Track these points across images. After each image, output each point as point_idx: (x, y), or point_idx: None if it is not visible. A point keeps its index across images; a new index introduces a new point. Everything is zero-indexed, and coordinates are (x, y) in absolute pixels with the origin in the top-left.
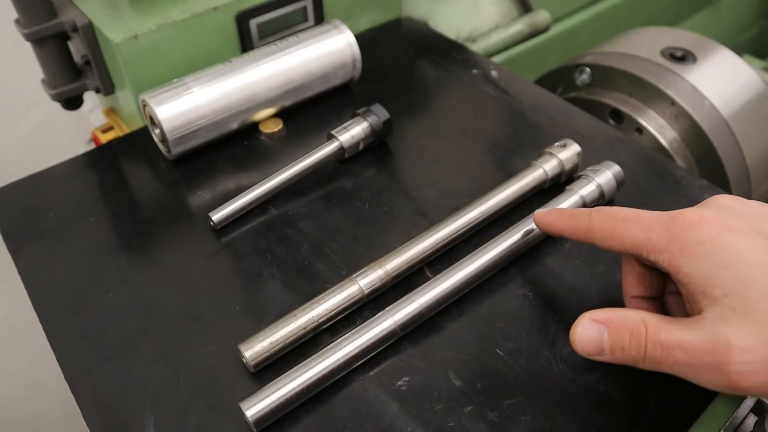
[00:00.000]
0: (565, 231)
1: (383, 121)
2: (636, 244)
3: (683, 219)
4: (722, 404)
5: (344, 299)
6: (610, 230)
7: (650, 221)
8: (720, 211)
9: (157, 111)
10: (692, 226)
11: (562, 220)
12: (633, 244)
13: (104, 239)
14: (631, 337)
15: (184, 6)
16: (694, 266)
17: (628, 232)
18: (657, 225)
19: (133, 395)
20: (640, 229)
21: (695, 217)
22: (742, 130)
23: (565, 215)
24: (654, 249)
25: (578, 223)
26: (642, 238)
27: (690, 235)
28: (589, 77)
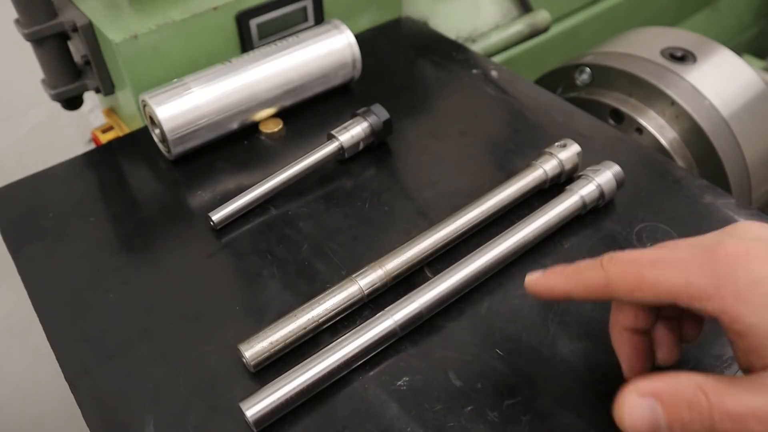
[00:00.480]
0: (574, 291)
1: (383, 121)
2: (674, 291)
3: (727, 255)
4: None
5: (344, 299)
6: (636, 279)
7: (684, 262)
8: (758, 242)
9: (157, 111)
10: (741, 263)
11: (566, 279)
12: (669, 292)
13: (104, 239)
14: (691, 410)
15: (184, 6)
16: (758, 315)
17: (661, 279)
18: (695, 266)
19: (133, 395)
20: (675, 274)
21: (740, 251)
22: (742, 130)
23: (569, 272)
24: (699, 296)
25: (590, 278)
26: (681, 284)
27: (743, 275)
28: (589, 77)
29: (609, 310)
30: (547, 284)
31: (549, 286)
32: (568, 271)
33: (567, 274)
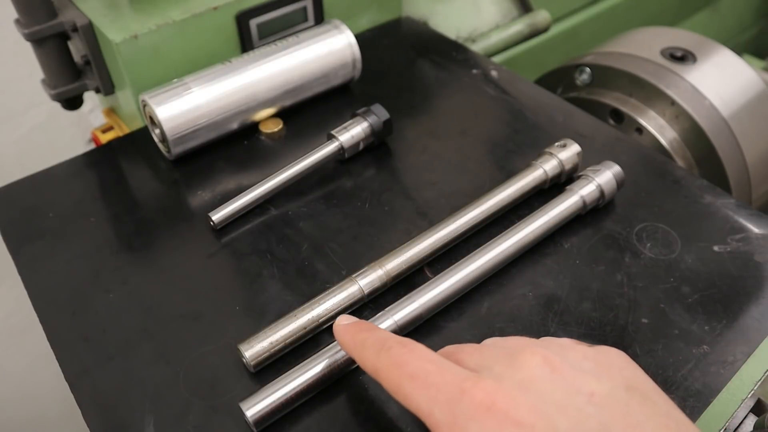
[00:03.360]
0: (354, 359)
1: (383, 121)
2: (420, 413)
3: (471, 402)
4: (722, 404)
5: (344, 299)
6: (396, 385)
7: (437, 390)
8: (519, 392)
9: (157, 111)
10: (479, 415)
11: (354, 345)
12: (416, 411)
13: (104, 239)
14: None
15: (184, 6)
16: None
17: (413, 396)
18: (443, 399)
19: (133, 395)
20: (425, 398)
21: (486, 401)
22: (742, 130)
23: (357, 341)
24: (436, 428)
25: (365, 359)
26: (425, 410)
27: (473, 429)
28: (589, 77)
29: (609, 310)
30: (341, 335)
31: (341, 338)
32: (358, 339)
33: (356, 341)
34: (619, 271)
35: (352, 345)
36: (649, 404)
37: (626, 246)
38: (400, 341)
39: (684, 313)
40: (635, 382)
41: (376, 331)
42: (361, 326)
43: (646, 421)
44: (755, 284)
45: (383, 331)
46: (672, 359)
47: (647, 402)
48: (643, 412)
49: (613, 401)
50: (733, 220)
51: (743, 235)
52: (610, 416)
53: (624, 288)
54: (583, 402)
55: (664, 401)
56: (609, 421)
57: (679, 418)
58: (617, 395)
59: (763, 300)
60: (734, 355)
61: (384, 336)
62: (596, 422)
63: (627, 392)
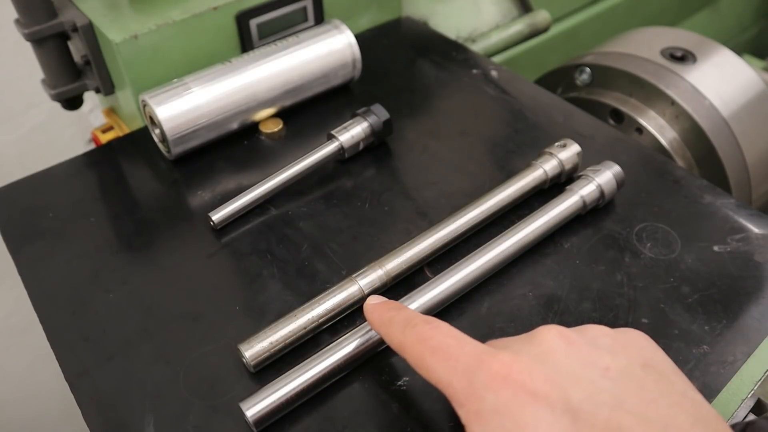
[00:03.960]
0: (381, 335)
1: (383, 121)
2: (440, 385)
3: (488, 372)
4: (722, 404)
5: (344, 299)
6: (418, 359)
7: (458, 362)
8: (534, 363)
9: (157, 111)
10: (495, 385)
11: (381, 322)
12: (437, 383)
13: (104, 239)
14: None
15: (184, 6)
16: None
17: (433, 369)
18: (462, 369)
19: (133, 395)
20: (445, 369)
21: (502, 371)
22: (742, 130)
23: (385, 319)
24: (455, 399)
25: (391, 335)
26: (445, 381)
27: (489, 398)
28: (589, 77)
29: (609, 310)
30: (370, 314)
31: (370, 316)
32: (385, 318)
33: (384, 319)
34: (619, 271)
35: (380, 322)
36: (665, 382)
37: (626, 246)
38: (426, 319)
39: (684, 313)
40: (653, 361)
41: (404, 310)
42: (390, 305)
43: (661, 397)
44: (755, 284)
45: (410, 310)
46: (672, 359)
47: (663, 380)
48: (658, 388)
49: (628, 376)
50: (733, 220)
51: (743, 235)
52: (624, 390)
53: (624, 288)
54: (598, 375)
55: (682, 381)
56: (623, 395)
57: (696, 398)
58: (633, 371)
59: (763, 300)
60: (734, 355)
61: (411, 314)
62: (610, 395)
63: (643, 369)
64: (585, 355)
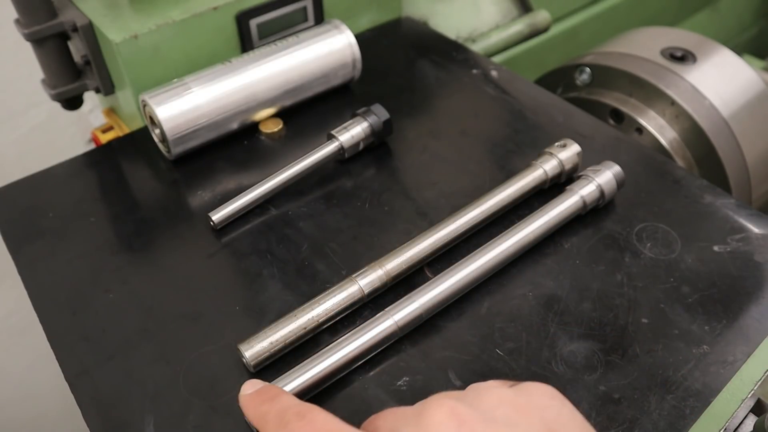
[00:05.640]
0: (256, 428)
1: (383, 121)
2: None
3: None
4: (722, 404)
5: (344, 299)
6: None
7: None
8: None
9: (157, 111)
10: None
11: (256, 417)
12: None
13: (104, 239)
14: None
15: (184, 6)
16: None
17: None
18: None
19: (133, 395)
20: None
21: None
22: (742, 130)
23: (260, 413)
24: None
25: (267, 431)
26: None
27: None
28: (589, 77)
29: (609, 310)
30: (245, 411)
31: (246, 414)
32: (261, 412)
33: (259, 415)
34: (619, 271)
35: (256, 419)
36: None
37: (626, 246)
38: (299, 412)
39: (684, 313)
40: (557, 424)
41: (278, 400)
42: (263, 396)
43: None
44: (755, 284)
45: (286, 399)
46: (672, 359)
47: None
48: None
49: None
50: (733, 220)
51: (743, 235)
52: None
53: (624, 288)
54: None
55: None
56: None
57: None
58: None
59: (763, 300)
60: (734, 355)
61: (284, 406)
62: None
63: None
64: None
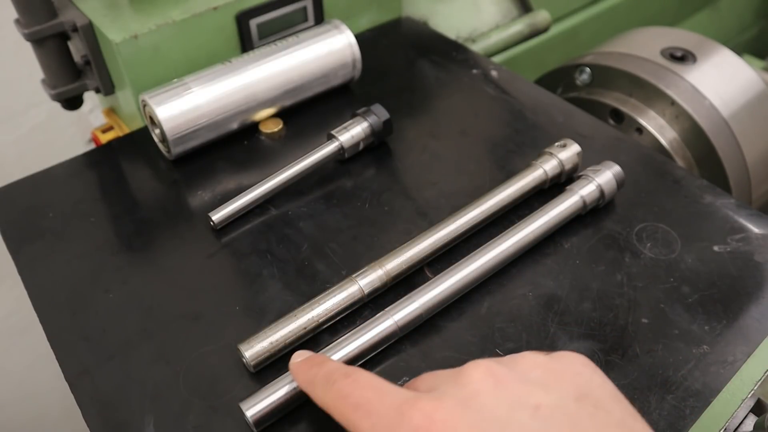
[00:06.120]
0: (310, 397)
1: (383, 121)
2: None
3: (410, 425)
4: (722, 404)
5: (344, 299)
6: (344, 417)
7: (378, 416)
8: (457, 410)
9: (157, 111)
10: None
11: (306, 383)
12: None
13: (104, 239)
14: None
15: (184, 6)
16: None
17: (358, 426)
18: (384, 425)
19: (133, 395)
20: (368, 426)
21: (424, 424)
22: (742, 130)
23: (309, 377)
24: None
25: (316, 396)
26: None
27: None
28: (589, 77)
29: (609, 310)
30: (296, 378)
31: (297, 380)
32: (310, 375)
33: (308, 379)
34: (619, 271)
35: (305, 383)
36: (601, 414)
37: (626, 246)
38: (345, 372)
39: (684, 313)
40: (589, 389)
41: (325, 364)
42: (312, 362)
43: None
44: (755, 284)
45: (332, 363)
46: (672, 359)
47: (599, 412)
48: (593, 424)
49: (559, 413)
50: (733, 220)
51: (743, 235)
52: (556, 430)
53: (624, 288)
54: (527, 416)
55: (620, 409)
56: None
57: (635, 427)
58: (565, 406)
59: (763, 300)
60: (734, 355)
61: (331, 369)
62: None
63: (577, 402)
64: (514, 393)
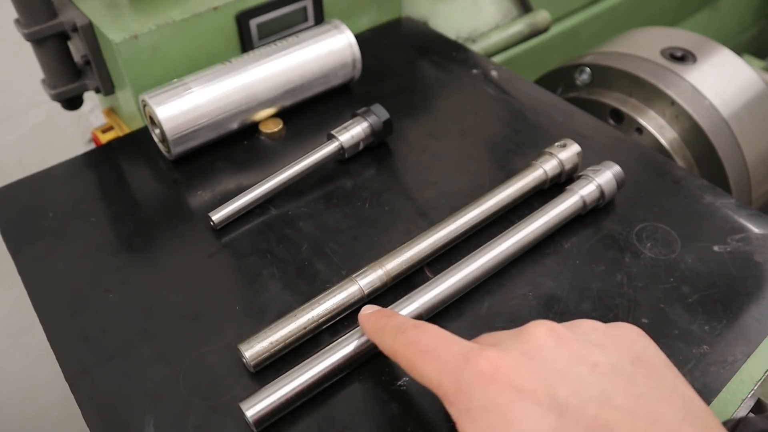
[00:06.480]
0: (375, 343)
1: (383, 121)
2: (431, 385)
3: (475, 369)
4: (722, 404)
5: (344, 299)
6: (408, 363)
7: (444, 361)
8: (521, 359)
9: (157, 111)
10: (482, 382)
11: (375, 331)
12: (428, 384)
13: (104, 239)
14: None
15: (184, 6)
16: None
17: (422, 371)
18: (450, 369)
19: (133, 395)
20: (434, 370)
21: (489, 368)
22: (742, 130)
23: (378, 327)
24: (444, 398)
25: (384, 341)
26: (435, 381)
27: (477, 395)
28: (589, 77)
29: (609, 310)
30: (363, 323)
31: (364, 325)
32: (378, 326)
33: (377, 327)
34: (619, 271)
35: (373, 331)
36: (656, 377)
37: (626, 246)
38: (415, 324)
39: (684, 313)
40: (645, 356)
41: (396, 317)
42: (382, 314)
43: (650, 393)
44: (755, 284)
45: (402, 316)
46: (672, 359)
47: (653, 375)
48: (647, 384)
49: (617, 372)
50: (733, 220)
51: (743, 235)
52: (612, 386)
53: (624, 288)
54: (586, 371)
55: (674, 376)
56: (611, 391)
57: (687, 394)
58: (622, 366)
59: (763, 300)
60: (734, 355)
61: (402, 320)
62: (597, 390)
63: (633, 365)
64: (574, 350)
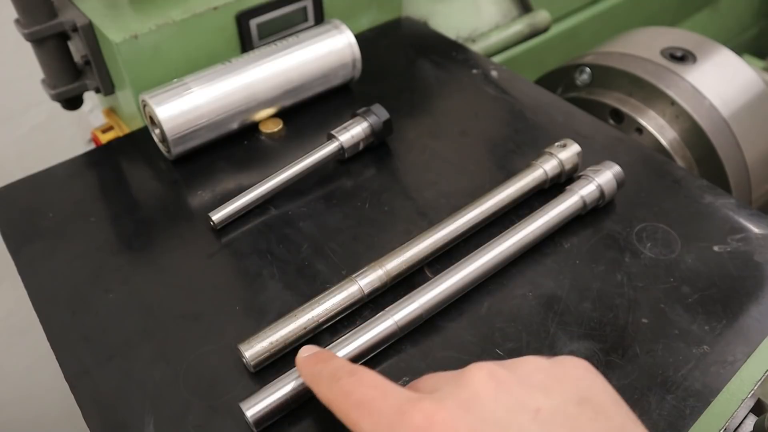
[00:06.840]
0: (314, 392)
1: (383, 121)
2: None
3: (411, 424)
4: (722, 404)
5: (344, 299)
6: (345, 414)
7: (380, 415)
8: (458, 412)
9: (157, 111)
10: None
11: (311, 378)
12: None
13: (104, 239)
14: None
15: (184, 6)
16: None
17: (359, 425)
18: (385, 424)
19: (133, 395)
20: (370, 424)
21: (424, 424)
22: (742, 130)
23: (314, 373)
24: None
25: (320, 390)
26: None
27: None
28: (589, 77)
29: (609, 310)
30: (301, 372)
31: (301, 374)
32: (315, 372)
33: (313, 375)
34: (619, 271)
35: (310, 379)
36: (602, 419)
37: (626, 246)
38: (350, 370)
39: (684, 313)
40: (590, 393)
41: (331, 361)
42: (318, 357)
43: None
44: (755, 284)
45: (338, 360)
46: (672, 359)
47: (599, 417)
48: (593, 428)
49: (560, 417)
50: (733, 220)
51: (743, 235)
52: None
53: (624, 288)
54: (528, 420)
55: (621, 415)
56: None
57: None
58: (566, 410)
59: (763, 300)
60: (734, 355)
61: (337, 366)
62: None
63: (578, 406)
64: (515, 397)
